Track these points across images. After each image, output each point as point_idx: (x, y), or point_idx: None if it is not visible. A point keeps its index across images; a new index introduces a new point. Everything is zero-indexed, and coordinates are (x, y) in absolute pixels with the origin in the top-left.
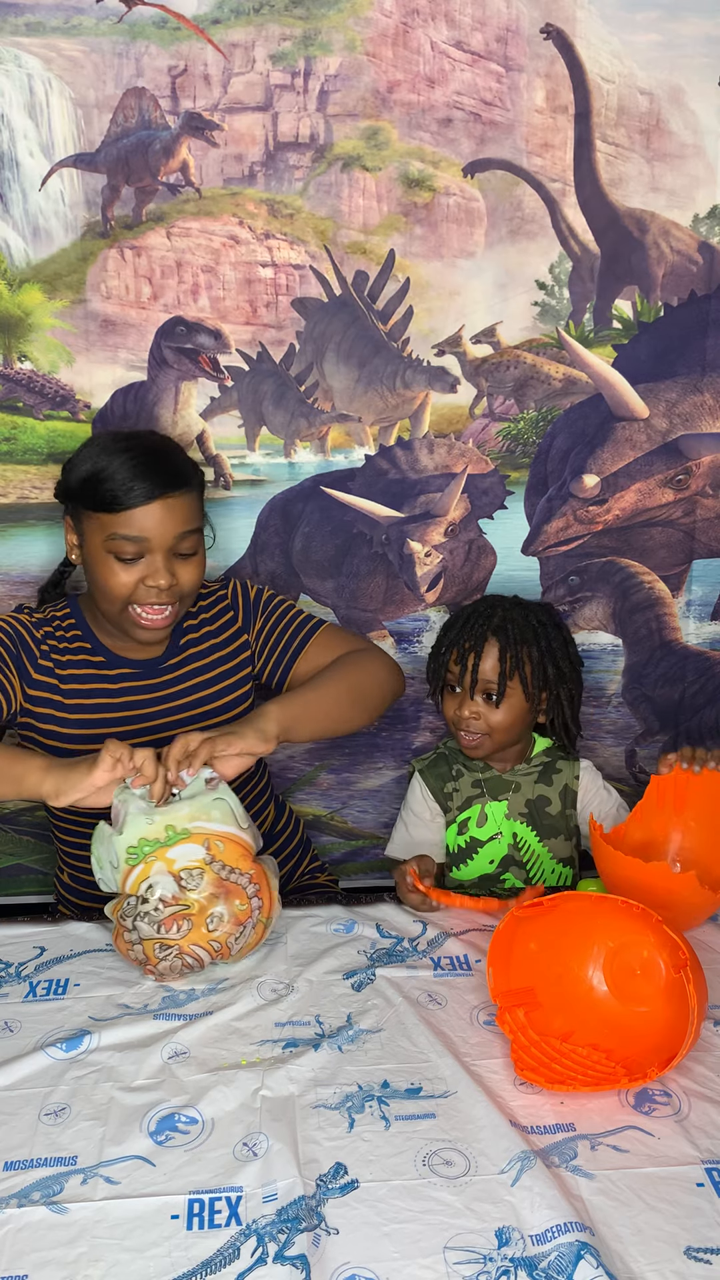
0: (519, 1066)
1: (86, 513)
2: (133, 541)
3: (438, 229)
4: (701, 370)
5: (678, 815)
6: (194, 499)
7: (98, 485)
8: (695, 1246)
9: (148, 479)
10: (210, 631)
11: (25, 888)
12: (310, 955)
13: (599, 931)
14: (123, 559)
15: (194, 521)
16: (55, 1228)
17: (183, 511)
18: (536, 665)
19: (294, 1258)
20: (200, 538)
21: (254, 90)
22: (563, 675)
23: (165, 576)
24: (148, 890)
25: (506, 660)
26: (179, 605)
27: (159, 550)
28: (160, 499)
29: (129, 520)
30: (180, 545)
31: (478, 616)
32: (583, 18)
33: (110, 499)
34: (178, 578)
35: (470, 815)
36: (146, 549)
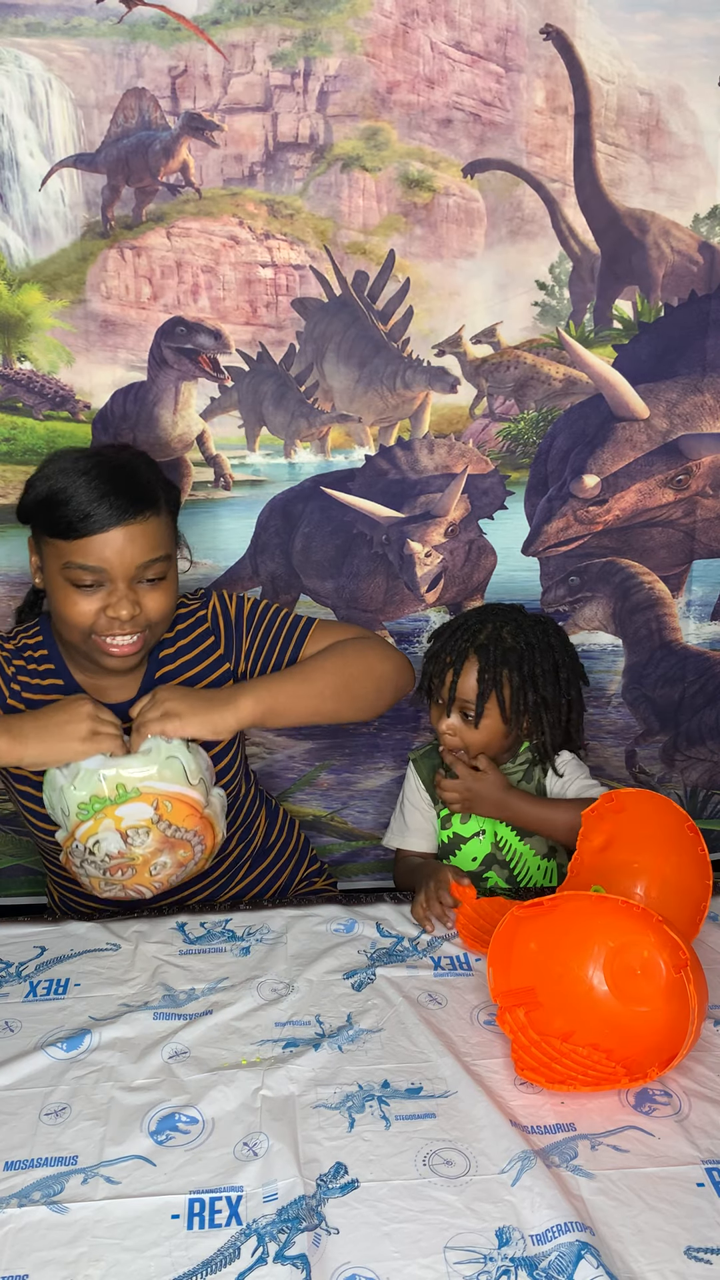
0: (519, 1066)
1: (44, 537)
2: (90, 571)
3: (438, 229)
4: (702, 370)
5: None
6: (161, 524)
7: (53, 509)
8: (695, 1246)
9: (107, 504)
10: (188, 661)
11: (25, 888)
12: (310, 955)
13: (599, 931)
14: (81, 587)
15: (160, 549)
16: (55, 1227)
17: (146, 539)
18: (516, 690)
19: (294, 1257)
20: (169, 563)
21: (254, 91)
22: (546, 702)
23: (127, 607)
24: (95, 845)
25: (484, 681)
26: (149, 633)
27: (120, 579)
28: (121, 526)
29: (86, 549)
30: (145, 573)
31: (464, 631)
32: (582, 18)
33: (65, 526)
34: (143, 607)
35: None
36: (106, 578)
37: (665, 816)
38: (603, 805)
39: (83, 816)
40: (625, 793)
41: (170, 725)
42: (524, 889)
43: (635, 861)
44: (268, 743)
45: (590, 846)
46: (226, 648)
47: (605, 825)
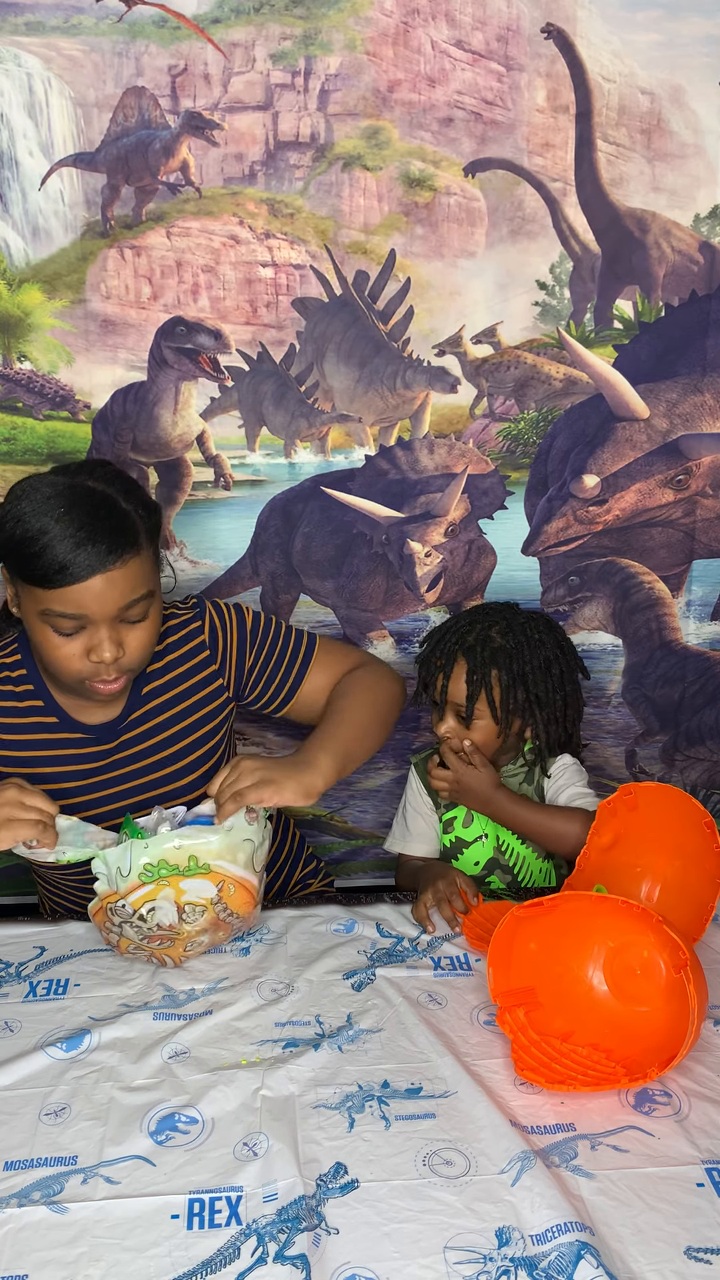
0: (519, 1066)
1: (17, 578)
2: (70, 619)
3: (438, 229)
4: (702, 370)
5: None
6: (141, 562)
7: (28, 557)
8: (695, 1246)
9: (85, 552)
10: (179, 676)
11: (24, 888)
12: (310, 955)
13: (599, 931)
14: (62, 633)
15: (143, 587)
16: (55, 1228)
17: (128, 581)
18: (506, 689)
19: (294, 1257)
20: (152, 600)
21: (254, 90)
22: (538, 699)
23: (110, 649)
24: (148, 912)
25: (473, 681)
26: (130, 674)
27: (102, 623)
28: (101, 573)
29: (64, 597)
30: (127, 614)
31: (453, 633)
32: (583, 17)
33: (41, 576)
34: (126, 646)
35: (457, 815)
36: (88, 622)
37: (681, 814)
38: (618, 800)
39: (145, 879)
40: (643, 788)
41: (266, 793)
42: (526, 889)
43: (639, 864)
44: (266, 742)
45: (599, 844)
46: (222, 662)
47: (615, 823)
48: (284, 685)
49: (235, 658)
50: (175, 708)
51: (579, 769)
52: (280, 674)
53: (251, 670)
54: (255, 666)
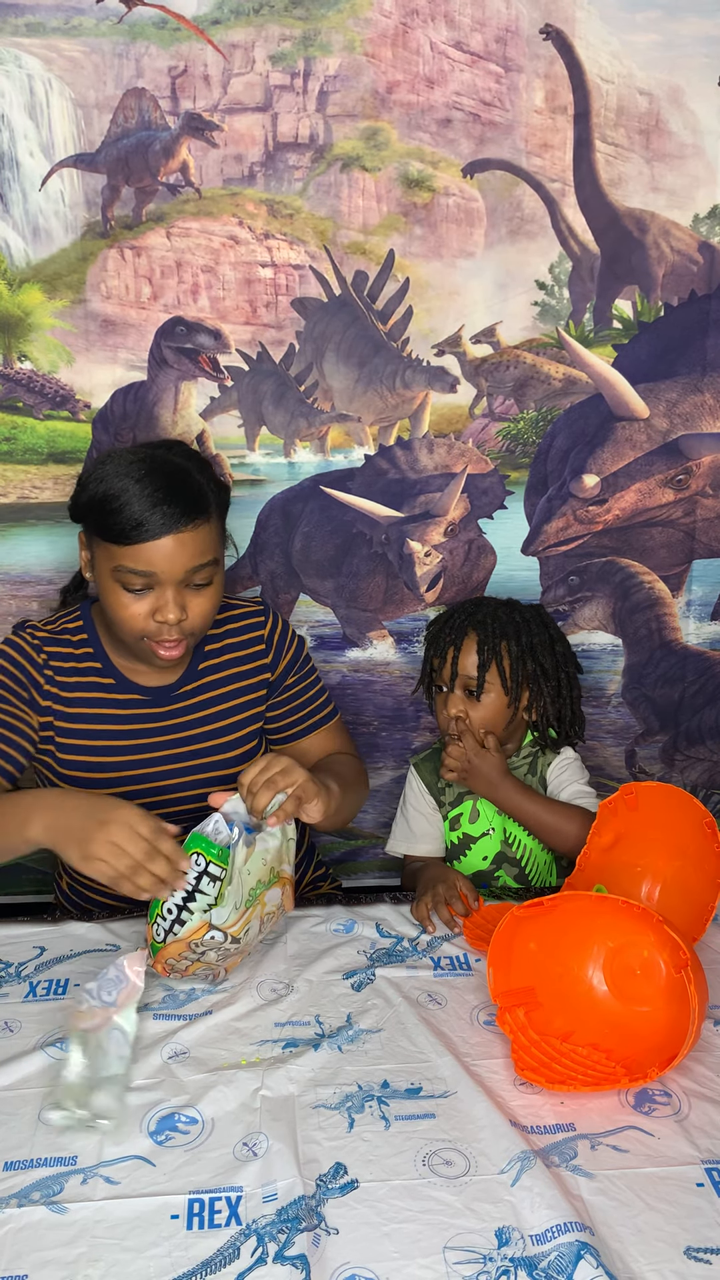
0: (519, 1066)
1: (96, 538)
2: (141, 576)
3: (437, 229)
4: (702, 370)
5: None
6: (211, 529)
7: (107, 515)
8: (695, 1246)
9: (159, 513)
10: (234, 659)
11: (25, 888)
12: (310, 955)
13: (599, 931)
14: (131, 590)
15: (210, 553)
16: (55, 1228)
17: (197, 545)
18: (515, 659)
19: (294, 1258)
20: (217, 567)
21: (254, 90)
22: (545, 671)
23: (175, 611)
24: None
25: (484, 652)
26: (193, 638)
27: (169, 584)
28: (173, 534)
29: (137, 554)
30: (193, 578)
31: (461, 612)
32: (582, 18)
33: (118, 532)
34: (189, 610)
35: (463, 811)
36: (155, 582)
37: (682, 814)
38: (618, 800)
39: (250, 904)
40: (643, 787)
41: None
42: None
43: (639, 863)
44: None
45: (599, 843)
46: (273, 664)
47: (616, 822)
48: (297, 725)
49: (282, 670)
50: (226, 687)
51: (580, 766)
52: (300, 714)
53: (284, 693)
54: (288, 692)
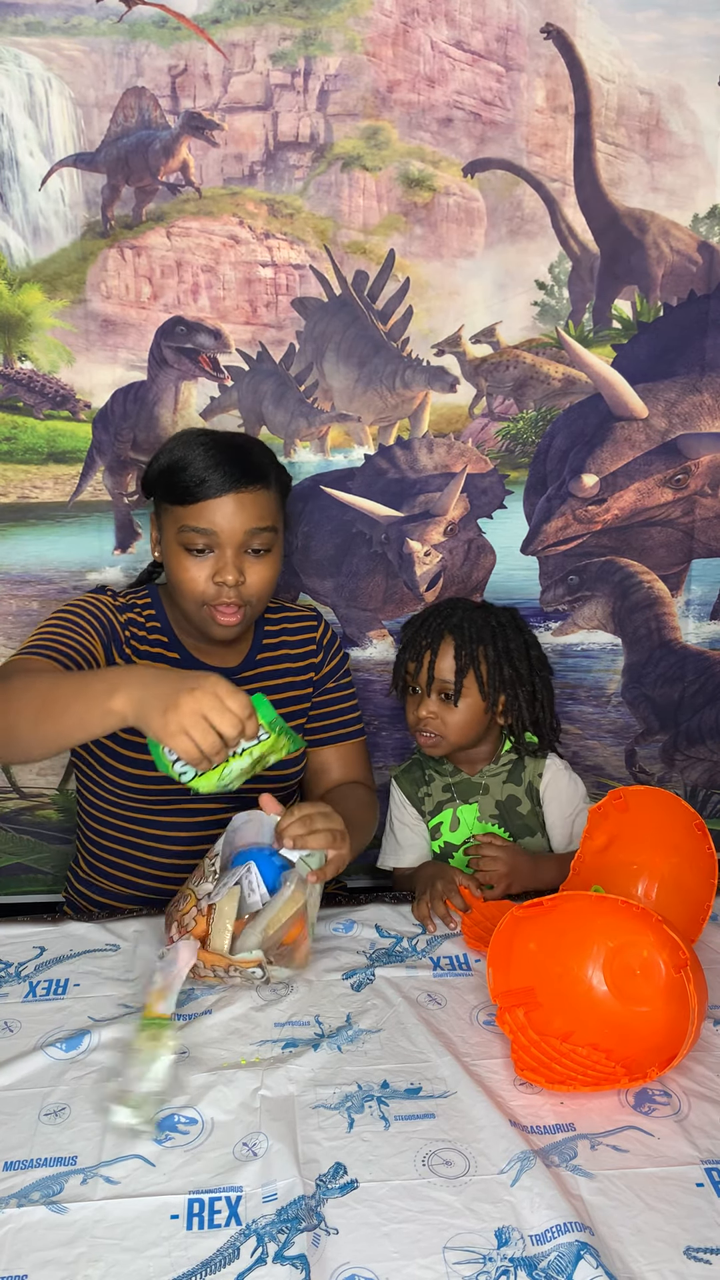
0: (519, 1066)
1: (164, 505)
2: (202, 534)
3: (438, 229)
4: (701, 370)
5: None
6: (270, 497)
7: (173, 476)
8: (695, 1246)
9: (221, 472)
10: (289, 654)
11: (25, 887)
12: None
13: (599, 931)
14: (192, 551)
15: (267, 520)
16: (55, 1228)
17: (256, 508)
18: (492, 664)
19: (294, 1258)
20: (275, 537)
21: (254, 90)
22: (520, 677)
23: (233, 573)
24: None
25: (462, 658)
26: (250, 608)
27: (229, 545)
28: (233, 493)
29: (199, 512)
30: (252, 541)
31: (436, 616)
32: (583, 17)
33: (183, 490)
34: (246, 576)
35: (443, 820)
36: (216, 543)
37: (672, 815)
38: (608, 804)
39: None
40: (632, 791)
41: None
42: None
43: (635, 861)
44: None
45: (592, 846)
46: (320, 665)
47: (608, 825)
48: (325, 732)
49: (325, 674)
50: (280, 679)
51: (573, 777)
52: (330, 721)
53: (322, 695)
54: (325, 695)
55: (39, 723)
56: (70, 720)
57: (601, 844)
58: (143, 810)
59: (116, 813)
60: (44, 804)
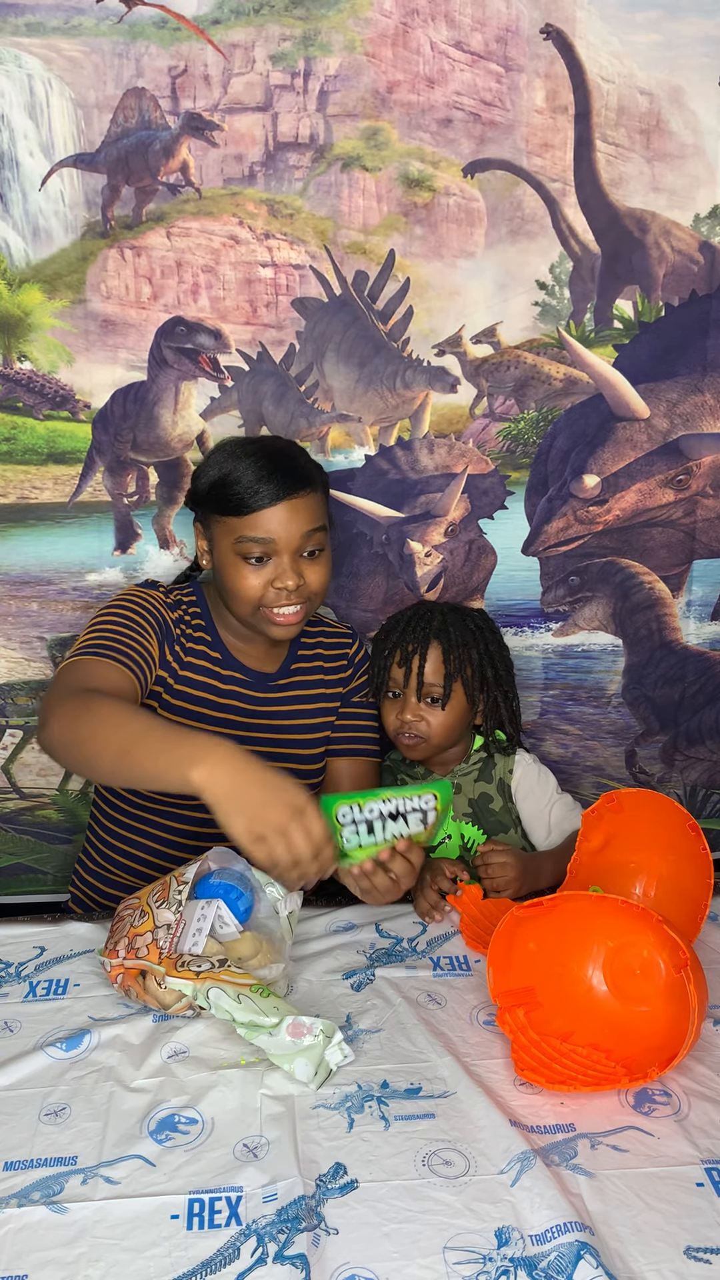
0: (519, 1066)
1: (215, 517)
2: (260, 543)
3: (438, 229)
4: (702, 370)
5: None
6: (318, 499)
7: (225, 489)
8: (695, 1246)
9: (273, 482)
10: (322, 666)
11: (25, 887)
12: (310, 955)
13: (599, 931)
14: (250, 560)
15: (319, 520)
16: (55, 1228)
17: (307, 511)
18: (477, 667)
19: (294, 1257)
20: (327, 535)
21: (254, 90)
22: (500, 678)
23: (293, 577)
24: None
25: (450, 662)
26: (309, 604)
27: (286, 551)
28: (286, 500)
29: (256, 523)
30: (307, 544)
31: (418, 621)
32: (583, 18)
33: (238, 503)
34: (305, 578)
35: None
36: (273, 550)
37: (665, 816)
38: (602, 806)
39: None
40: (625, 793)
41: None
42: None
43: (632, 861)
44: None
45: (588, 847)
46: (348, 681)
47: (603, 826)
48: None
49: (351, 689)
50: (312, 690)
51: (542, 770)
52: (347, 734)
53: (345, 707)
54: (348, 708)
55: (119, 764)
56: (148, 772)
57: (598, 845)
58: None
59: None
60: (44, 804)
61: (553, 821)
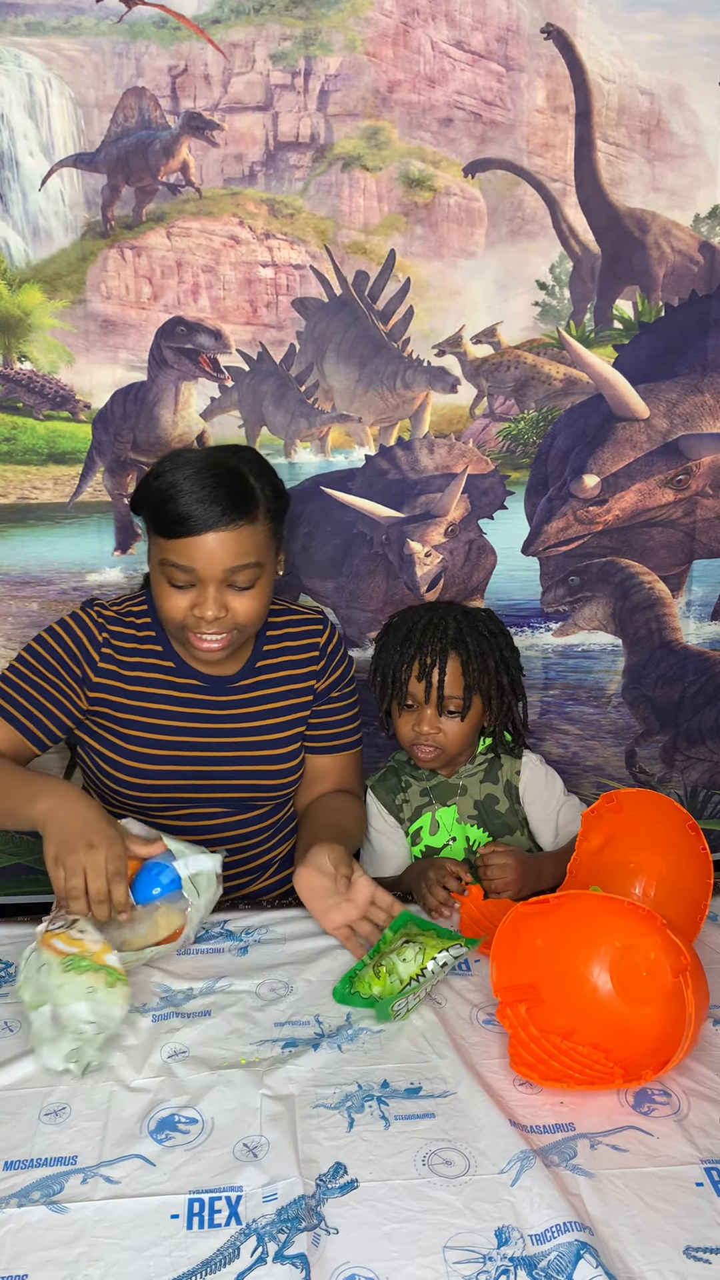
0: (514, 1061)
1: (149, 528)
2: (181, 570)
3: (438, 229)
4: (702, 370)
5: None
6: (255, 532)
7: (157, 507)
8: (694, 1246)
9: (203, 510)
10: (290, 661)
11: (25, 888)
12: (309, 955)
13: (605, 931)
14: (174, 584)
15: (251, 556)
16: (55, 1227)
17: (238, 545)
18: (494, 676)
19: (294, 1257)
20: (261, 570)
21: (254, 90)
22: (514, 683)
23: (213, 608)
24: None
25: (469, 674)
26: (237, 634)
27: (210, 582)
28: (214, 532)
29: (179, 549)
30: (234, 578)
31: (433, 630)
32: (583, 17)
33: (164, 524)
34: (231, 609)
35: (422, 824)
36: (196, 579)
37: (665, 816)
38: (601, 806)
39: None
40: (625, 793)
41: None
42: None
43: (632, 861)
44: None
45: (588, 847)
46: (322, 673)
47: (603, 826)
48: (323, 742)
49: (328, 684)
50: (279, 687)
51: (549, 772)
52: (330, 731)
53: (324, 704)
54: (327, 704)
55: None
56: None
57: (598, 845)
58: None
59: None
60: None
61: (560, 824)
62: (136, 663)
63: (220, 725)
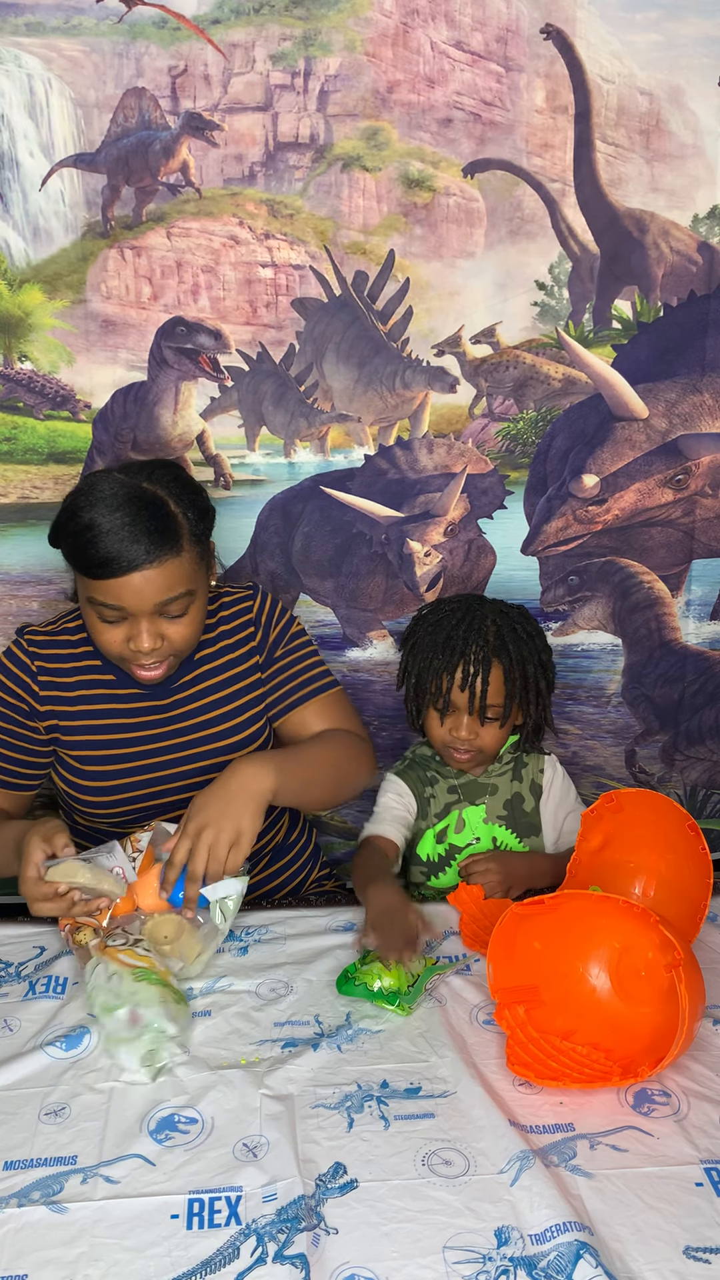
0: (511, 1060)
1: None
2: (112, 609)
3: (438, 229)
4: (701, 370)
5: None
6: (181, 563)
7: (77, 549)
8: (694, 1246)
9: (126, 549)
10: (227, 646)
11: None
12: (310, 955)
13: (604, 932)
14: (105, 620)
15: (181, 586)
16: (55, 1227)
17: (165, 579)
18: (532, 681)
19: (293, 1257)
20: (192, 598)
21: (254, 90)
22: (549, 684)
23: (149, 640)
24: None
25: (511, 683)
26: (174, 659)
27: (141, 616)
28: (138, 571)
29: (104, 589)
30: (165, 609)
31: (473, 635)
32: (583, 18)
33: (87, 567)
34: (168, 638)
35: (449, 823)
36: (127, 615)
37: (665, 816)
38: (601, 806)
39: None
40: (624, 793)
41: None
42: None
43: (631, 861)
44: None
45: (588, 847)
46: (261, 645)
47: (603, 825)
48: (289, 696)
49: (269, 645)
50: (222, 675)
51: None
52: (291, 684)
53: (272, 665)
54: (276, 664)
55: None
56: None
57: (597, 845)
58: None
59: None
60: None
61: (565, 829)
62: (77, 681)
63: (173, 727)
